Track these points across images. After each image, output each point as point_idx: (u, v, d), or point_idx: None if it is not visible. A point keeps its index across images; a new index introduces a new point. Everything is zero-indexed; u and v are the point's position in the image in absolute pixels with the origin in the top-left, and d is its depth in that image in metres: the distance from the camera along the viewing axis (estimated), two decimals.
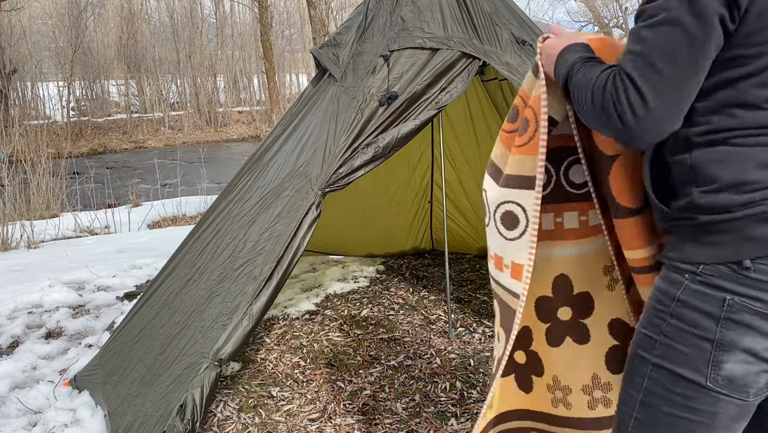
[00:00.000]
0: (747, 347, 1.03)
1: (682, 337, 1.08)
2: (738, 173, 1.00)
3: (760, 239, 1.00)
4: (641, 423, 1.16)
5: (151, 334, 2.50)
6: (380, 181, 4.00)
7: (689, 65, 1.00)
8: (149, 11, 22.23)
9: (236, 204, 2.62)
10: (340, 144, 2.42)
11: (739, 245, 1.02)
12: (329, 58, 2.69)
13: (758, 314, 1.01)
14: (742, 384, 1.04)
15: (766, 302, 1.00)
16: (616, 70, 1.05)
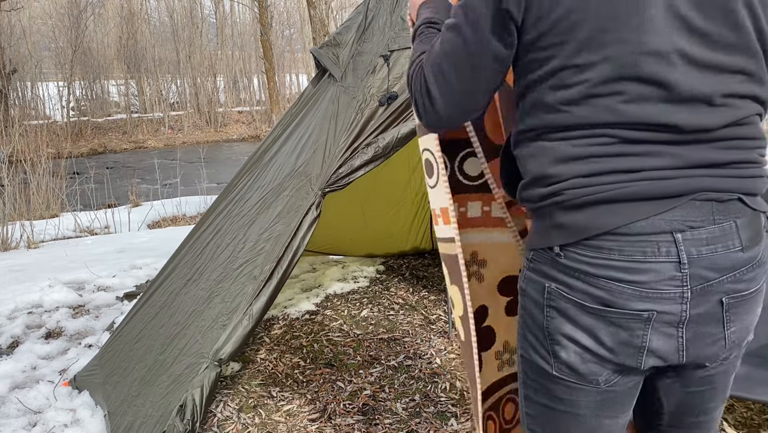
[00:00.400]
0: (569, 336, 1.03)
1: (529, 327, 1.10)
2: (541, 167, 1.03)
3: (564, 226, 1.01)
4: (532, 418, 1.16)
5: (151, 334, 2.50)
6: (380, 181, 4.00)
7: (468, 73, 1.06)
8: (149, 11, 22.24)
9: (236, 204, 2.62)
10: (340, 144, 2.42)
11: (549, 232, 1.04)
12: (329, 58, 2.69)
13: (571, 302, 1.01)
14: (585, 372, 1.04)
15: (577, 289, 1.00)
16: (421, 65, 1.13)
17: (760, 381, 1.91)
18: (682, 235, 0.96)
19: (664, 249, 0.96)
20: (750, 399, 1.90)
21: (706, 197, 0.97)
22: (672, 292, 0.97)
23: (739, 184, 1.00)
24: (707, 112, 0.97)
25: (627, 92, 0.96)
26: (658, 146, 0.97)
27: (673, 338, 1.00)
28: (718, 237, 0.98)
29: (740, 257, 1.00)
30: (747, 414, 2.31)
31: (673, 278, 0.97)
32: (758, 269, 1.03)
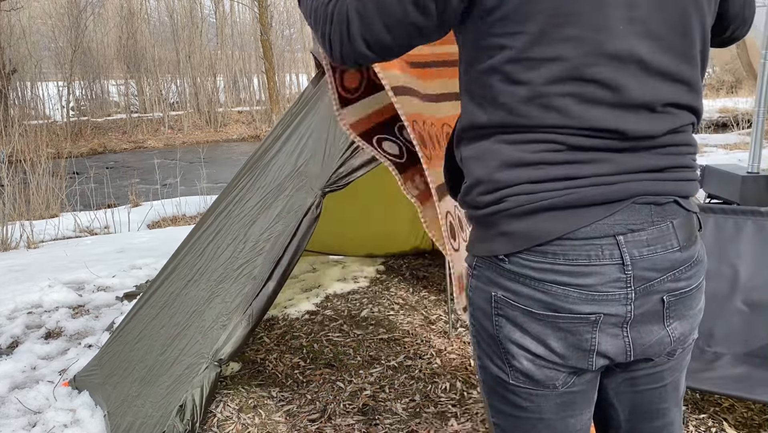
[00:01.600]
0: (520, 344, 1.01)
1: (481, 336, 1.08)
2: (487, 171, 1.00)
3: (509, 234, 0.99)
4: (501, 428, 1.14)
5: (152, 334, 2.49)
6: (380, 181, 4.00)
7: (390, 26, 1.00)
8: (149, 11, 22.22)
9: (237, 204, 2.62)
10: (339, 144, 2.42)
11: (494, 240, 1.01)
12: None
13: (519, 309, 1.00)
14: (542, 378, 1.03)
15: (523, 296, 0.99)
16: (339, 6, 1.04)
17: (760, 381, 1.91)
18: (624, 237, 0.97)
19: (607, 252, 0.96)
20: (750, 399, 1.90)
21: (645, 201, 0.99)
22: (617, 294, 0.97)
23: (674, 187, 1.02)
24: (650, 120, 0.97)
25: (579, 94, 0.94)
26: (602, 153, 0.97)
27: (619, 338, 1.01)
28: (657, 238, 0.99)
29: (678, 256, 1.02)
30: (747, 414, 2.31)
31: (618, 279, 0.97)
32: (695, 267, 1.05)
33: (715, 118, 15.51)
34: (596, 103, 0.94)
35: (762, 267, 2.20)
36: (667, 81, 0.97)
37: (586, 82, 0.94)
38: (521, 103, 0.96)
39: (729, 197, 4.48)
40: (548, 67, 0.93)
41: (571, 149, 0.96)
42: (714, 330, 2.20)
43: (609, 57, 0.93)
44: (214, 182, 9.66)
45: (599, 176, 0.96)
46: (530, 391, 1.05)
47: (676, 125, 1.00)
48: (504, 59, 0.95)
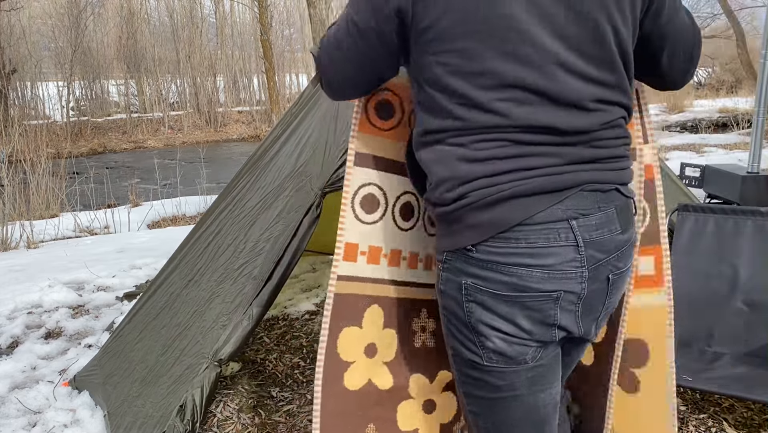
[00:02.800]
0: (491, 325, 1.12)
1: (454, 325, 1.18)
2: (447, 171, 1.11)
3: (476, 225, 1.10)
4: (476, 414, 1.22)
5: (152, 334, 2.49)
6: None
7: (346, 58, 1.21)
8: (149, 11, 22.22)
9: (237, 204, 2.62)
10: (340, 144, 2.42)
11: (462, 232, 1.12)
12: None
13: (488, 294, 1.10)
14: (513, 355, 1.13)
15: (491, 280, 1.09)
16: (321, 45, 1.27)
17: (760, 381, 1.91)
18: (576, 222, 1.09)
19: (563, 235, 1.08)
20: (750, 399, 1.90)
21: (592, 188, 1.11)
22: (574, 272, 1.10)
23: (615, 176, 1.15)
24: (582, 116, 1.10)
25: (514, 98, 1.06)
26: (545, 147, 1.08)
27: (573, 313, 1.13)
28: (604, 222, 1.12)
29: (620, 238, 1.15)
30: (747, 414, 2.31)
31: (573, 259, 1.09)
32: (632, 249, 1.20)
33: (715, 118, 15.50)
34: (531, 104, 1.07)
35: (762, 267, 2.21)
36: (591, 83, 1.10)
37: (519, 89, 1.06)
38: (465, 109, 1.08)
39: (729, 197, 4.48)
40: (481, 80, 1.06)
41: (517, 144, 1.08)
42: (714, 330, 2.20)
43: (534, 67, 1.05)
44: (214, 182, 9.66)
45: (548, 167, 1.08)
46: (503, 369, 1.15)
47: (608, 120, 1.13)
48: (442, 73, 1.08)
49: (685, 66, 1.28)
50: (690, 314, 2.25)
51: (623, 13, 1.11)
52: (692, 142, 11.54)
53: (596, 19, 1.08)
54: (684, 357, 2.13)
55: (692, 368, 2.03)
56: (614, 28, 1.11)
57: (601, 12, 1.08)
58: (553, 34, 1.06)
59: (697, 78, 24.78)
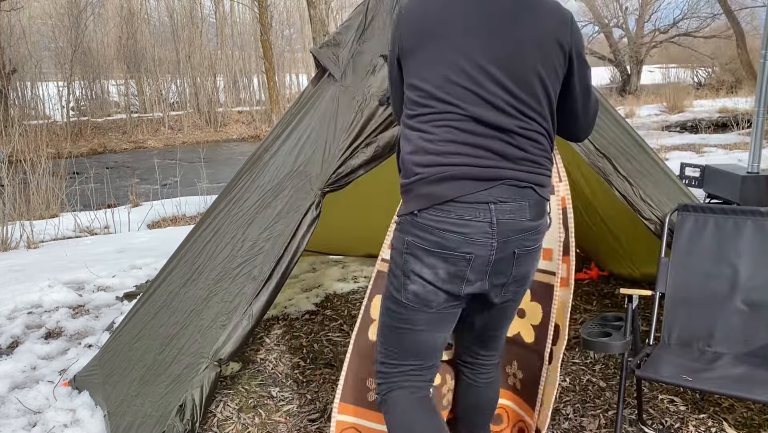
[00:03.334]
0: (417, 273, 1.53)
1: (393, 271, 1.60)
2: (412, 153, 1.53)
3: (423, 196, 1.50)
4: (383, 340, 1.67)
5: (150, 334, 2.49)
6: (380, 181, 3.99)
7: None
8: (149, 11, 22.21)
9: (235, 204, 2.61)
10: (339, 144, 2.42)
11: (414, 200, 1.52)
12: (329, 57, 2.69)
13: (421, 249, 1.51)
14: (424, 299, 1.55)
15: (425, 239, 1.50)
16: None
17: (760, 381, 1.91)
18: (495, 206, 1.49)
19: (482, 214, 1.48)
20: (750, 399, 1.90)
21: (512, 183, 1.50)
22: (485, 241, 1.49)
23: (532, 177, 1.53)
24: (502, 116, 1.48)
25: (457, 95, 1.49)
26: (479, 138, 1.48)
27: (483, 273, 1.53)
28: (517, 210, 1.51)
29: (529, 224, 1.53)
30: (747, 414, 2.31)
31: (486, 232, 1.49)
32: (538, 234, 1.58)
33: (715, 118, 15.49)
34: (468, 101, 1.48)
35: (762, 267, 2.20)
36: (513, 98, 1.48)
37: (459, 87, 1.48)
38: (424, 99, 1.52)
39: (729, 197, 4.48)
40: (434, 80, 1.51)
41: (461, 144, 1.49)
42: (714, 330, 2.20)
43: (467, 75, 1.48)
44: (214, 182, 9.66)
45: (482, 159, 1.48)
46: (414, 307, 1.57)
47: (525, 126, 1.50)
48: (407, 86, 1.57)
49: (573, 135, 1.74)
50: (690, 314, 2.25)
51: (547, 65, 1.49)
52: (692, 142, 11.54)
53: (524, 53, 1.47)
54: (684, 357, 2.13)
55: (692, 368, 2.03)
56: (539, 71, 1.48)
57: (531, 56, 1.47)
58: (487, 58, 1.47)
59: (698, 78, 24.78)
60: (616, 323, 2.17)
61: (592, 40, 26.41)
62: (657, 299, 2.32)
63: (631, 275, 3.65)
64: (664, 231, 2.43)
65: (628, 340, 2.04)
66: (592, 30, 26.20)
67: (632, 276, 3.63)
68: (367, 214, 4.16)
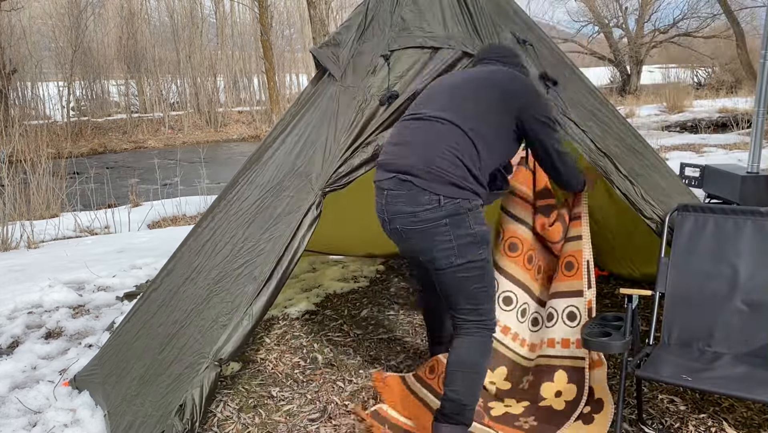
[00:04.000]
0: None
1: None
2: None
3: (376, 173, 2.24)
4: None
5: (150, 333, 2.49)
6: None
7: None
8: (149, 11, 22.21)
9: (234, 203, 2.61)
10: (340, 144, 2.42)
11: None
12: (329, 57, 2.69)
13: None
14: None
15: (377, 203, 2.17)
16: None
17: (760, 381, 1.91)
18: (388, 191, 2.08)
19: (382, 196, 2.10)
20: (750, 399, 1.90)
21: (401, 177, 2.05)
22: (380, 215, 2.13)
23: (414, 174, 2.03)
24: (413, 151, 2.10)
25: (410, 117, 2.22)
26: (397, 147, 2.15)
27: (392, 236, 2.16)
28: (398, 195, 2.05)
29: (405, 209, 2.04)
30: (747, 414, 2.32)
31: (382, 208, 2.11)
32: (414, 218, 2.03)
33: (715, 118, 15.49)
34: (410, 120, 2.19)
35: (762, 267, 2.20)
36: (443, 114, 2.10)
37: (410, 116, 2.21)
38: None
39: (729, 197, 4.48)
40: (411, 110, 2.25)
41: (393, 144, 2.18)
42: (714, 330, 2.20)
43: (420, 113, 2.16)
44: (214, 182, 9.66)
45: (394, 156, 2.11)
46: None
47: (434, 129, 2.10)
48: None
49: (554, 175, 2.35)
50: (690, 314, 2.25)
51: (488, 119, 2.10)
52: (692, 142, 11.54)
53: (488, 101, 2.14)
54: (684, 357, 2.13)
55: (692, 368, 2.03)
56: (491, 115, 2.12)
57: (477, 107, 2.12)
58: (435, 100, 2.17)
59: (697, 78, 24.78)
60: (615, 323, 2.17)
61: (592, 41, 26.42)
62: (657, 299, 2.32)
63: (631, 275, 3.65)
64: (664, 231, 2.43)
65: (627, 340, 2.04)
66: (592, 30, 26.22)
67: (632, 276, 3.63)
68: (367, 214, 4.15)
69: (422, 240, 2.04)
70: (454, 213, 2.00)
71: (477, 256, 2.04)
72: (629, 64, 24.92)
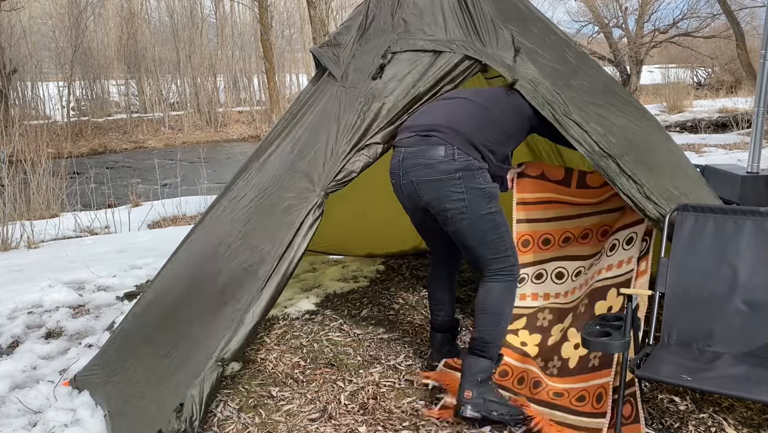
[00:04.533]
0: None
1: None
2: None
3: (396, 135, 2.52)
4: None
5: (155, 336, 2.49)
6: (380, 181, 3.99)
7: None
8: (149, 11, 22.22)
9: (233, 202, 2.62)
10: (341, 145, 2.42)
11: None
12: (330, 58, 2.69)
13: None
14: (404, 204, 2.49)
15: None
16: None
17: (760, 381, 1.91)
18: (405, 149, 2.32)
19: (400, 153, 2.33)
20: (750, 399, 1.90)
21: (420, 134, 2.32)
22: (396, 171, 2.34)
23: (436, 129, 2.29)
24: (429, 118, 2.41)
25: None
26: (416, 119, 2.44)
27: (402, 193, 2.38)
28: (419, 150, 2.28)
29: (421, 161, 2.26)
30: (747, 414, 2.32)
31: (397, 164, 2.33)
32: (430, 169, 2.24)
33: (715, 118, 15.49)
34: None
35: (762, 267, 2.20)
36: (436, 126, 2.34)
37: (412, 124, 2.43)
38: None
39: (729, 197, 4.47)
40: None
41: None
42: (714, 330, 2.20)
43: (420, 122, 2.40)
44: (214, 182, 9.66)
45: (415, 121, 2.41)
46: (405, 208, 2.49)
47: (459, 103, 2.42)
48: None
49: None
50: (690, 313, 2.25)
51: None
52: (692, 142, 11.54)
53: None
54: (684, 357, 2.13)
55: (692, 368, 2.03)
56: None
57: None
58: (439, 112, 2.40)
59: (697, 78, 24.78)
60: (615, 323, 2.17)
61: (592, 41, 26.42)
62: (657, 299, 2.32)
63: None
64: (664, 231, 2.43)
65: (627, 340, 2.05)
66: (592, 30, 26.21)
67: None
68: (368, 214, 4.16)
69: (435, 191, 2.23)
70: (466, 168, 2.22)
71: (487, 209, 2.26)
72: (629, 64, 24.92)
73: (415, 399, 2.52)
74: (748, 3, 21.18)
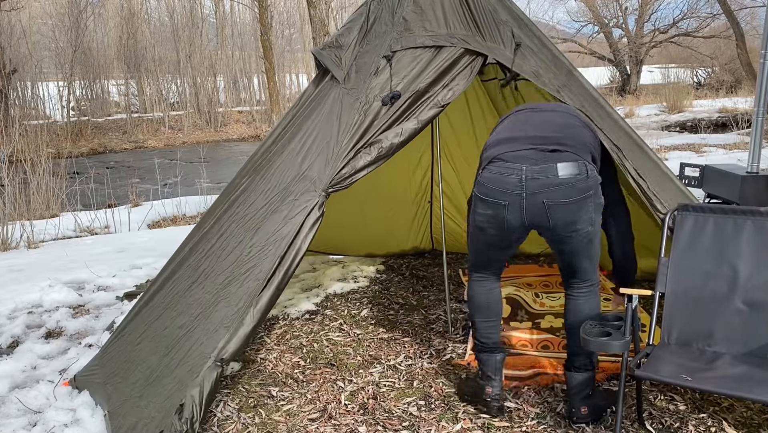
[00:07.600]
0: (477, 212, 2.21)
1: (470, 209, 2.32)
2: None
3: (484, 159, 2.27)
4: (470, 248, 2.39)
5: (155, 336, 2.49)
6: (381, 181, 4.00)
7: None
8: (149, 11, 22.23)
9: (241, 206, 2.62)
10: (343, 145, 2.42)
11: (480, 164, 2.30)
12: (331, 60, 2.69)
13: (477, 196, 2.19)
14: (485, 228, 2.23)
15: (478, 190, 2.19)
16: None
17: (760, 381, 1.91)
18: (527, 167, 2.08)
19: (520, 171, 2.09)
20: (750, 399, 1.90)
21: (540, 149, 2.13)
22: (517, 191, 2.08)
23: (561, 143, 2.14)
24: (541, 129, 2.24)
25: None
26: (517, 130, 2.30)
27: (519, 215, 2.10)
28: (548, 167, 2.06)
29: (556, 181, 2.04)
30: (747, 414, 2.32)
31: (519, 184, 2.07)
32: (570, 189, 2.04)
33: (715, 118, 15.50)
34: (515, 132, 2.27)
35: (762, 267, 2.21)
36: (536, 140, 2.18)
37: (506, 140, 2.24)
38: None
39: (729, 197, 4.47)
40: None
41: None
42: (714, 330, 2.20)
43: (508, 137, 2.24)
44: (214, 182, 9.66)
45: (517, 133, 2.24)
46: (479, 230, 2.21)
47: (554, 115, 2.29)
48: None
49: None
50: (690, 313, 2.25)
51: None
52: (692, 142, 11.54)
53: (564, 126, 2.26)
54: (684, 357, 2.13)
55: (692, 368, 2.03)
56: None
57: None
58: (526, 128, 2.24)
59: (697, 78, 24.77)
60: (615, 323, 2.17)
61: (592, 41, 26.41)
62: (657, 299, 2.32)
63: None
64: (663, 231, 2.43)
65: (627, 339, 2.05)
66: (592, 30, 26.22)
67: None
68: (368, 214, 4.16)
69: (570, 213, 2.05)
70: (596, 182, 2.10)
71: (600, 220, 2.18)
72: (629, 64, 24.93)
73: (416, 399, 2.52)
74: (748, 3, 21.18)
